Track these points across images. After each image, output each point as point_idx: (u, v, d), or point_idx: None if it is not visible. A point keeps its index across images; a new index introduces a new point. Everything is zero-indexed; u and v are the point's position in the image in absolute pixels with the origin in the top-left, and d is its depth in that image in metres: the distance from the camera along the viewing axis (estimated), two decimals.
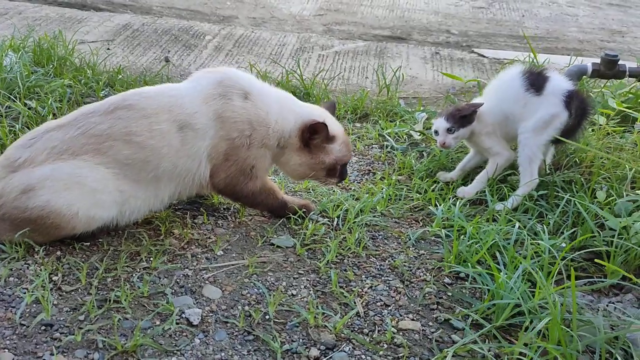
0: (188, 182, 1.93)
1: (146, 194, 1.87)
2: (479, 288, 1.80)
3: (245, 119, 1.94)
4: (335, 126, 2.10)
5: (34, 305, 1.59)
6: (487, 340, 1.59)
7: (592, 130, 2.62)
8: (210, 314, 1.64)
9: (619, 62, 2.50)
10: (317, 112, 2.10)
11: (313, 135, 2.02)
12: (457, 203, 2.18)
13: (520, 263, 1.76)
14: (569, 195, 2.12)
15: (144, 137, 1.83)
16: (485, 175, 2.33)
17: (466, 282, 1.83)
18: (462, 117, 2.27)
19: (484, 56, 4.25)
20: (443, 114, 2.34)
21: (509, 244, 1.89)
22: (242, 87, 1.96)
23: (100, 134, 1.80)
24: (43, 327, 1.53)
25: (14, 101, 2.64)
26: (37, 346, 1.47)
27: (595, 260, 1.86)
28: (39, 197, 1.72)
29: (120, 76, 3.18)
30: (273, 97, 2.03)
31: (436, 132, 2.35)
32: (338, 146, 2.08)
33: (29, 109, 2.59)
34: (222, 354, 1.51)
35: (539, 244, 1.88)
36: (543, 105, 2.19)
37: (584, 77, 2.58)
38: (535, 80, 2.22)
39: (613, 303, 1.76)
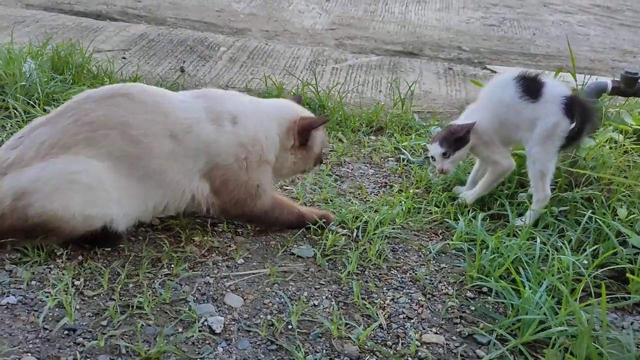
0: (177, 194, 1.86)
1: (134, 194, 1.79)
2: (502, 303, 1.78)
3: (238, 143, 1.91)
4: (311, 114, 2.17)
5: (57, 310, 1.58)
6: (512, 356, 1.57)
7: (610, 147, 2.62)
8: (233, 322, 1.63)
9: (639, 80, 2.50)
10: (290, 106, 2.13)
11: (307, 131, 2.05)
12: (478, 217, 2.17)
13: (544, 278, 1.75)
14: (590, 212, 2.11)
15: (139, 132, 1.76)
16: (485, 183, 2.31)
17: (489, 297, 1.82)
18: (457, 140, 2.23)
19: (496, 72, 4.26)
20: (437, 138, 2.29)
21: (531, 259, 1.88)
22: (229, 112, 1.93)
23: (94, 120, 1.73)
24: (66, 332, 1.51)
25: (34, 107, 2.65)
26: (60, 350, 1.46)
27: (619, 278, 1.85)
28: (34, 203, 1.66)
29: None
30: (253, 112, 2.00)
31: (433, 158, 2.32)
32: (321, 132, 2.13)
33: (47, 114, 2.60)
34: None
35: (561, 260, 1.87)
36: (541, 112, 2.14)
37: (604, 94, 2.58)
38: (530, 86, 2.16)
39: (638, 321, 1.75)
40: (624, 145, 2.60)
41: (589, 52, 4.96)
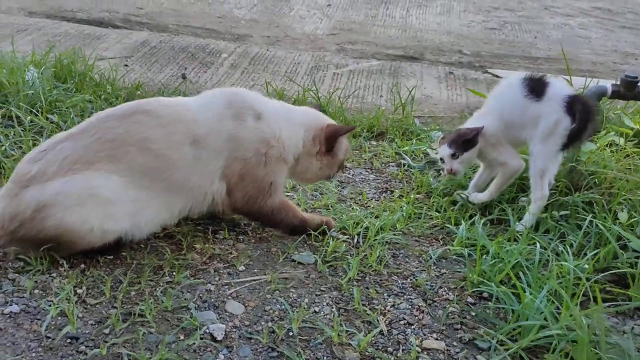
0: (200, 198, 1.92)
1: (158, 205, 1.85)
2: (503, 308, 1.78)
3: (260, 138, 1.96)
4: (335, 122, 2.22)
5: (59, 318, 1.60)
6: None
7: (612, 151, 2.62)
8: (234, 330, 1.64)
9: (639, 84, 2.51)
10: (318, 115, 2.18)
11: (334, 138, 2.09)
12: (479, 222, 2.17)
13: (545, 283, 1.76)
14: (591, 216, 2.11)
15: (160, 146, 1.82)
16: (496, 185, 2.34)
17: (489, 302, 1.82)
18: (465, 142, 2.26)
19: (497, 76, 4.26)
20: (446, 140, 2.34)
21: (532, 264, 1.89)
22: (254, 108, 1.98)
23: (116, 138, 1.78)
24: (68, 340, 1.53)
25: (37, 115, 2.67)
26: (63, 359, 1.47)
27: (620, 282, 1.85)
28: (53, 215, 1.69)
29: (138, 92, 3.21)
30: (281, 114, 2.05)
31: (442, 160, 2.35)
32: (345, 139, 2.17)
33: (51, 123, 2.62)
34: None
35: (562, 265, 1.88)
36: (543, 111, 2.17)
37: (604, 97, 2.59)
38: (535, 86, 2.20)
39: (639, 325, 1.75)
40: (625, 148, 2.60)
41: (590, 55, 4.96)
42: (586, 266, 1.91)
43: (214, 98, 2.00)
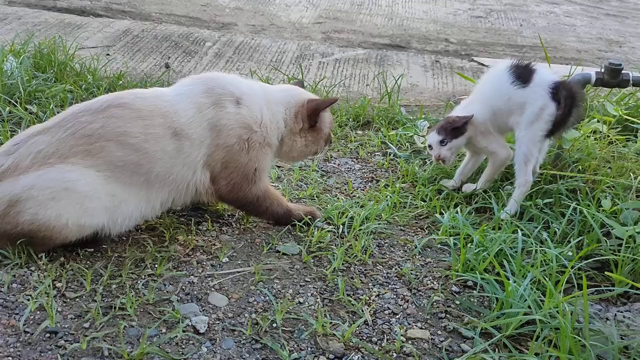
0: (182, 189, 1.89)
1: (138, 199, 1.81)
2: (487, 296, 1.78)
3: (242, 124, 1.93)
4: (317, 97, 2.20)
5: (38, 312, 1.57)
6: (497, 350, 1.58)
7: (595, 139, 2.63)
8: (217, 322, 1.62)
9: (622, 71, 2.51)
10: (298, 91, 2.16)
11: (316, 113, 2.07)
12: (462, 211, 2.17)
13: (528, 271, 1.76)
14: (575, 204, 2.12)
15: (139, 140, 1.78)
16: (487, 176, 2.36)
17: (474, 291, 1.82)
18: (454, 129, 2.26)
19: (483, 65, 4.26)
20: (434, 128, 2.34)
21: (515, 252, 1.89)
22: (232, 93, 1.95)
23: (92, 133, 1.74)
24: (47, 335, 1.50)
25: (15, 106, 2.62)
26: (42, 354, 1.44)
27: (603, 269, 1.85)
28: (26, 210, 1.65)
29: (120, 82, 3.16)
30: (260, 95, 2.02)
31: (430, 147, 2.35)
32: (328, 113, 2.16)
33: (30, 113, 2.57)
34: None
35: (545, 253, 1.88)
36: (529, 97, 2.17)
37: (588, 85, 2.59)
38: (522, 73, 2.20)
39: (622, 312, 1.75)
40: (608, 136, 2.61)
41: (575, 43, 4.97)
42: (570, 253, 1.91)
43: (192, 86, 1.95)
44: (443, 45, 4.73)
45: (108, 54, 3.81)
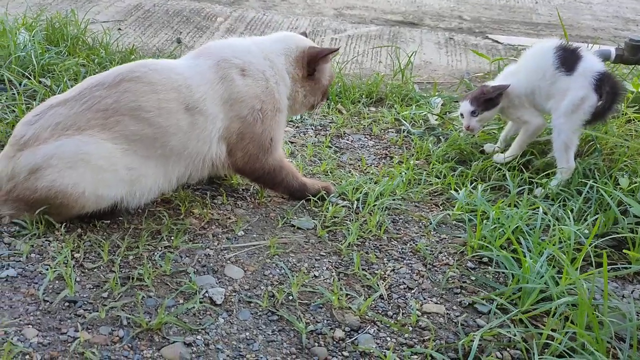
0: (198, 163, 1.89)
1: (155, 173, 1.82)
2: (503, 273, 1.78)
3: (252, 95, 1.92)
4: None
5: (57, 282, 1.58)
6: (513, 325, 1.58)
7: (613, 117, 2.59)
8: (234, 294, 1.63)
9: None
10: (297, 38, 2.11)
11: (315, 60, 2.04)
12: (479, 187, 2.16)
13: (545, 248, 1.75)
14: (592, 182, 2.10)
15: (153, 114, 1.78)
16: (518, 142, 2.37)
17: (489, 267, 1.82)
18: (487, 101, 2.25)
19: (498, 42, 4.20)
20: (468, 97, 2.32)
21: (532, 229, 1.88)
22: (237, 65, 1.93)
23: (106, 108, 1.75)
24: (66, 304, 1.51)
25: (29, 79, 2.61)
26: (61, 322, 1.46)
27: (620, 247, 1.84)
28: (45, 177, 1.69)
29: (133, 56, 3.14)
30: (259, 57, 1.98)
31: (462, 115, 2.35)
32: (328, 64, 2.12)
33: (44, 86, 2.57)
34: (247, 334, 1.50)
35: (562, 230, 1.87)
36: (572, 86, 2.16)
37: (607, 62, 2.54)
38: (567, 59, 2.18)
39: (638, 290, 1.75)
40: (626, 113, 2.58)
41: (591, 21, 4.88)
42: (587, 231, 1.90)
43: (200, 60, 1.93)
44: (457, 23, 4.66)
45: (120, 29, 3.79)
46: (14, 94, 2.50)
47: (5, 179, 1.74)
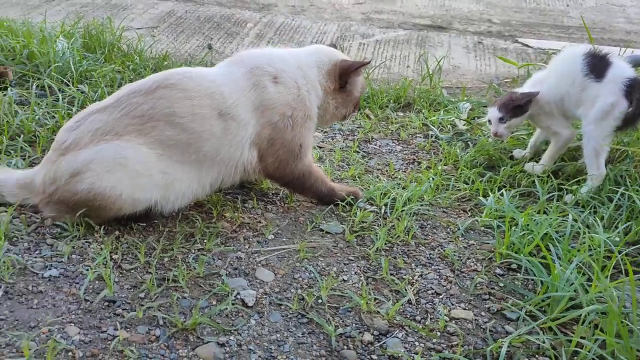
0: (231, 169, 1.94)
1: (189, 178, 1.88)
2: (532, 280, 1.78)
3: (283, 102, 1.97)
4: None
5: (97, 282, 1.65)
6: (542, 332, 1.58)
7: None
8: (265, 296, 1.67)
9: None
10: (330, 51, 2.16)
11: (346, 73, 2.08)
12: (507, 194, 2.16)
13: (575, 256, 1.75)
14: (623, 189, 2.08)
15: (187, 120, 1.84)
16: (550, 154, 2.36)
17: (518, 274, 1.82)
18: (515, 107, 2.25)
19: (528, 46, 4.17)
20: (497, 103, 2.33)
21: (562, 236, 1.87)
22: (269, 72, 1.98)
23: (143, 114, 1.81)
24: (106, 303, 1.58)
25: (68, 85, 2.71)
26: (101, 321, 1.52)
27: None
28: (85, 180, 1.76)
29: (166, 62, 3.22)
30: (292, 66, 2.03)
31: (489, 122, 2.36)
32: (361, 76, 2.16)
33: (82, 93, 2.66)
34: (278, 335, 1.54)
35: (592, 237, 1.86)
36: (602, 92, 2.15)
37: (638, 68, 2.52)
38: (597, 66, 2.17)
39: None
40: None
41: (624, 24, 4.80)
42: (617, 239, 1.89)
43: (233, 67, 1.99)
44: (486, 26, 4.64)
45: (153, 35, 3.89)
46: (55, 100, 2.60)
47: (48, 182, 1.82)
